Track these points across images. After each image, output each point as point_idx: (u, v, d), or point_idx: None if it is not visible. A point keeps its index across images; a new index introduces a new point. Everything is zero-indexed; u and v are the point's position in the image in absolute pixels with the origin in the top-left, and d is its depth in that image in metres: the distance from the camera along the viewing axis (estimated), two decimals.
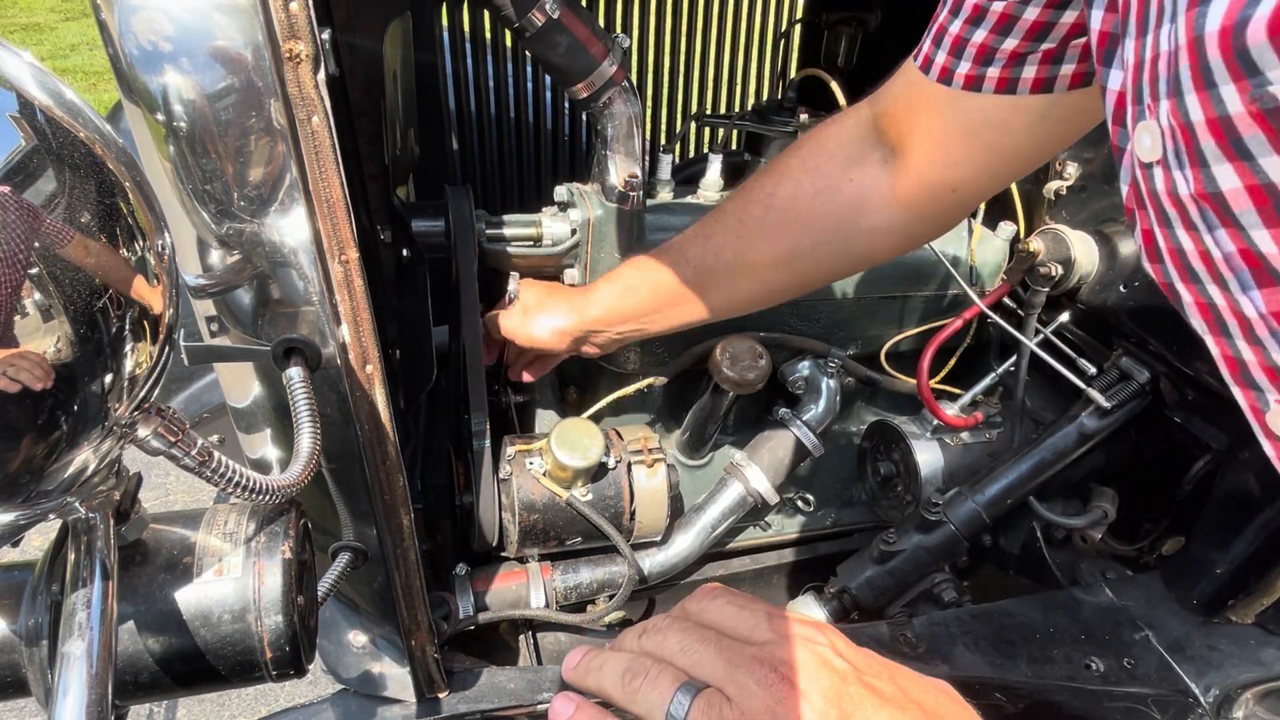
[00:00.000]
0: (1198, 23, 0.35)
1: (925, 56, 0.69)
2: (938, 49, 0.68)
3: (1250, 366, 0.41)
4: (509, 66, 1.39)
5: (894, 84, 0.76)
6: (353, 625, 0.89)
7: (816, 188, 0.80)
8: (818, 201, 0.80)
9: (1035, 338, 1.19)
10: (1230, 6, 0.34)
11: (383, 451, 0.65)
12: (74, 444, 0.39)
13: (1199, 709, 0.91)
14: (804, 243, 0.82)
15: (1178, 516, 1.13)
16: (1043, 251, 1.18)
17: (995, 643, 0.96)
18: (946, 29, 0.66)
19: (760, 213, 0.83)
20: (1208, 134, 0.36)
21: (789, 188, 0.81)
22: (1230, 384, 0.43)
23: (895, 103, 0.75)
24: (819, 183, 0.80)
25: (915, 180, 0.75)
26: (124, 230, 0.39)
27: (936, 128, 0.71)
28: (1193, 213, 0.39)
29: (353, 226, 0.55)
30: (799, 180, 0.81)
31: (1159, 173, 0.41)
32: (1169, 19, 0.37)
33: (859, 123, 0.80)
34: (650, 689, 0.46)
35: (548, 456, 0.98)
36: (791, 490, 1.26)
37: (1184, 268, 0.43)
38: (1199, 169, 0.37)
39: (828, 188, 0.79)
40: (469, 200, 1.04)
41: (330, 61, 0.71)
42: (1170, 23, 0.37)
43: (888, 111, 0.76)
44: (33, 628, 0.46)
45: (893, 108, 0.76)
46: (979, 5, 0.63)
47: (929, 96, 0.70)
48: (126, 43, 0.49)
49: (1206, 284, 0.41)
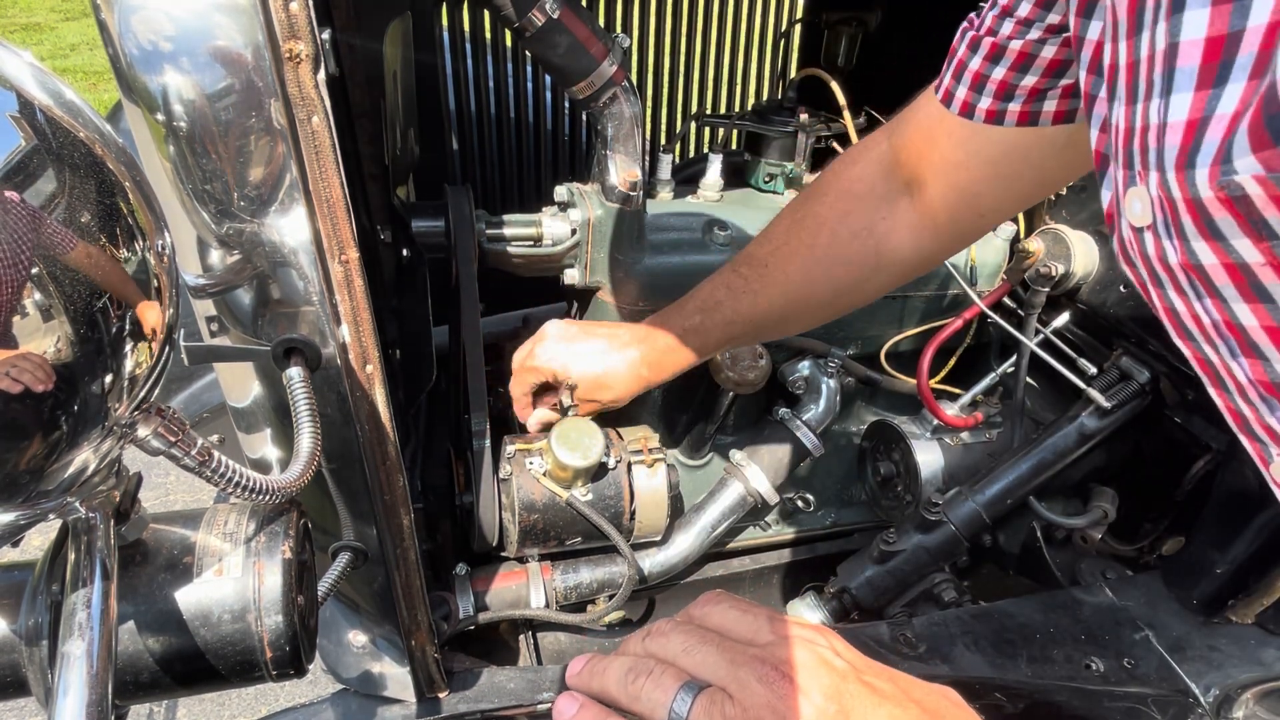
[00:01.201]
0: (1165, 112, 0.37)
1: (946, 90, 0.69)
2: (958, 84, 0.68)
3: (1250, 421, 0.42)
4: (509, 66, 1.39)
5: (914, 114, 0.76)
6: (353, 625, 0.89)
7: (853, 231, 0.82)
8: (855, 244, 0.82)
9: (1035, 338, 1.19)
10: (1194, 102, 0.35)
11: (383, 451, 0.65)
12: (74, 444, 0.39)
13: (1199, 709, 0.91)
14: (847, 281, 0.85)
15: (1178, 516, 1.13)
16: (1042, 251, 1.18)
17: (995, 643, 0.96)
18: (966, 65, 0.66)
19: (803, 266, 0.86)
20: (1186, 212, 0.37)
21: (826, 237, 0.84)
22: (1235, 432, 0.44)
23: (915, 133, 0.76)
24: (854, 226, 0.82)
25: (941, 209, 0.77)
26: (124, 230, 0.39)
27: (960, 159, 0.72)
28: (1182, 280, 0.40)
29: (353, 226, 0.55)
30: (835, 229, 0.83)
31: (1149, 238, 0.41)
32: (1159, 94, 0.38)
33: (880, 158, 0.81)
34: (653, 688, 0.46)
35: (548, 456, 0.98)
36: (791, 490, 1.26)
37: (1180, 327, 0.44)
38: (1183, 241, 0.38)
39: (863, 229, 0.82)
40: (469, 200, 1.04)
41: (330, 61, 0.71)
42: (1160, 98, 0.38)
43: (907, 144, 0.77)
44: (33, 627, 0.46)
45: (913, 139, 0.76)
46: (997, 44, 0.63)
47: (950, 128, 0.70)
48: (126, 42, 0.49)
49: (1202, 344, 0.42)
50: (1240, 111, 0.33)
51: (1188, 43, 0.35)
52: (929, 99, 0.73)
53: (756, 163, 1.33)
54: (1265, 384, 0.39)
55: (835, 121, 1.30)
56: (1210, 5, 0.34)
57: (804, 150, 1.29)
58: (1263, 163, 0.32)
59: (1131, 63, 0.41)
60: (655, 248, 1.11)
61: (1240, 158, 0.33)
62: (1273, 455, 0.42)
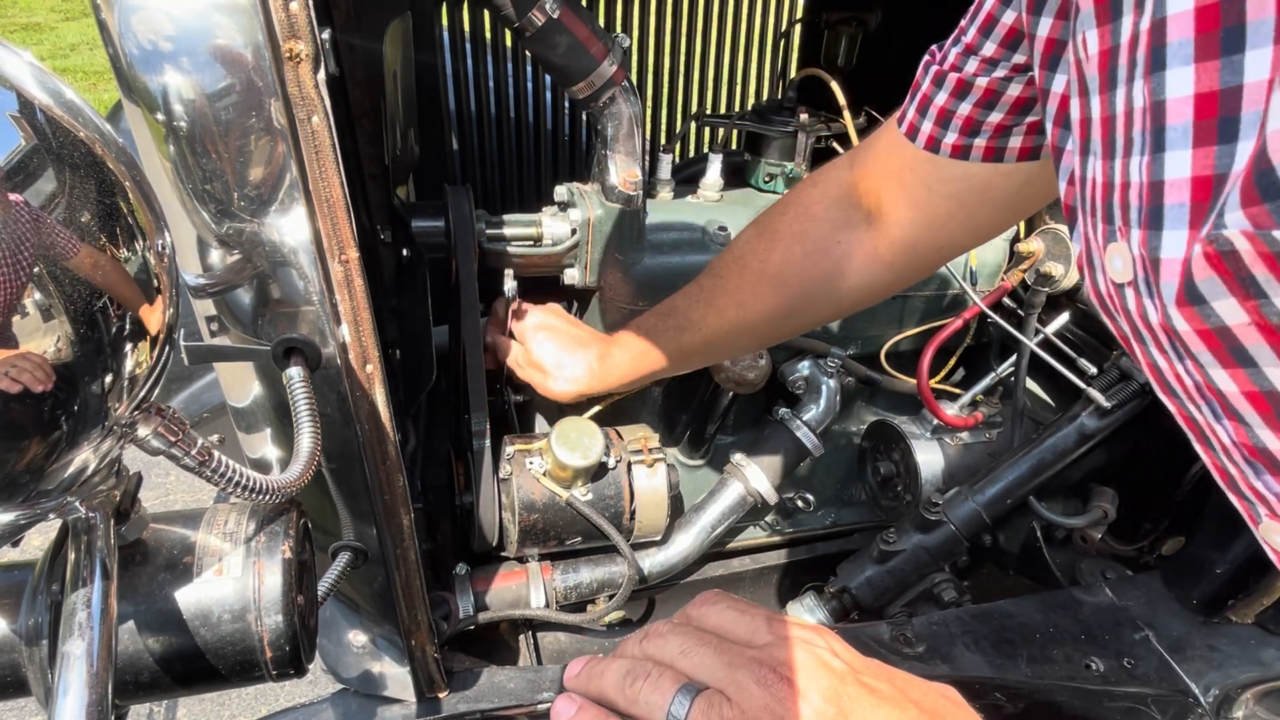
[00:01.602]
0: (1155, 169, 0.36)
1: (910, 124, 0.69)
2: (923, 118, 0.67)
3: (1237, 480, 0.42)
4: (509, 66, 1.39)
5: (874, 145, 0.76)
6: (353, 625, 0.89)
7: (806, 250, 0.83)
8: (808, 263, 0.83)
9: (1035, 337, 1.19)
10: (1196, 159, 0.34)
11: (383, 451, 0.65)
12: (74, 444, 0.39)
13: (1199, 709, 0.92)
14: (798, 301, 0.86)
15: (1178, 516, 1.13)
16: (1042, 251, 1.18)
17: (995, 643, 0.96)
18: (931, 99, 0.66)
19: (754, 279, 0.87)
20: (1168, 272, 0.36)
21: (780, 253, 0.84)
22: (1224, 490, 0.44)
23: (875, 165, 0.76)
24: (808, 246, 0.83)
25: (899, 241, 0.77)
26: (124, 230, 0.39)
27: (921, 193, 0.71)
28: (1163, 340, 0.40)
29: (353, 226, 0.55)
30: (789, 247, 0.84)
31: (1130, 294, 0.41)
32: (1139, 150, 0.37)
33: (840, 185, 0.81)
34: (651, 690, 0.46)
35: (548, 456, 0.99)
36: (791, 490, 1.26)
37: (1163, 384, 0.43)
38: (1163, 303, 0.38)
39: (816, 250, 0.82)
40: (469, 200, 1.04)
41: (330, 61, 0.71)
42: (1140, 155, 0.37)
43: (867, 174, 0.77)
44: (33, 627, 0.46)
45: (872, 170, 0.76)
46: (962, 80, 0.63)
47: (912, 162, 0.70)
48: (126, 42, 0.49)
49: (1186, 403, 0.42)
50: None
51: (1176, 100, 0.34)
52: (890, 130, 0.73)
53: (756, 163, 1.33)
54: (1249, 448, 0.38)
55: (835, 121, 1.30)
56: (1194, 62, 0.33)
57: (804, 150, 1.29)
58: (1251, 219, 0.31)
59: (1106, 117, 0.40)
60: (655, 247, 1.11)
61: (1230, 212, 0.32)
62: (1261, 516, 0.41)
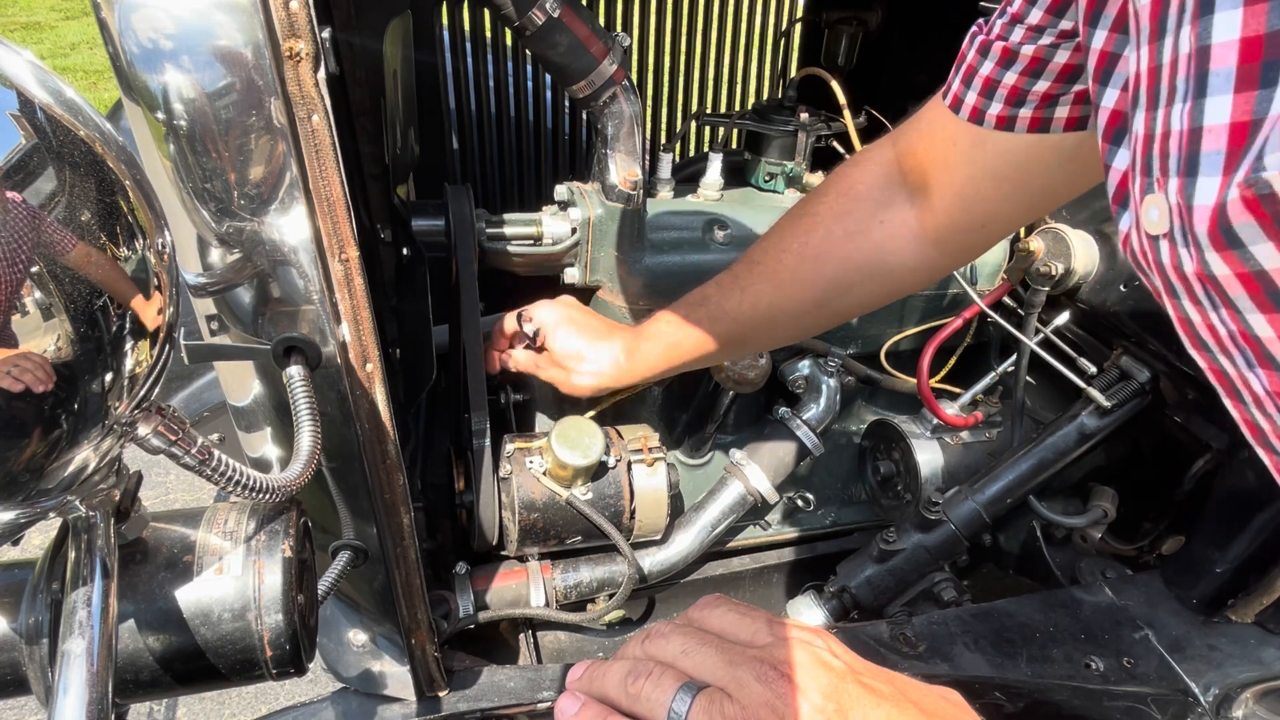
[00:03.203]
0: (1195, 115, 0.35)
1: (955, 96, 0.68)
2: (967, 89, 0.67)
3: (1268, 433, 0.41)
4: (509, 66, 1.39)
5: (919, 121, 0.75)
6: (353, 624, 0.90)
7: (848, 232, 0.81)
8: (850, 246, 0.81)
9: (1035, 337, 1.19)
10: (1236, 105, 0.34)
11: (383, 450, 0.65)
12: (74, 442, 0.39)
13: (1199, 708, 0.92)
14: (838, 286, 0.84)
15: (1178, 516, 1.13)
16: (1042, 251, 1.18)
17: (995, 642, 0.96)
18: (976, 70, 0.65)
19: (794, 262, 0.84)
20: (1205, 219, 0.36)
21: (820, 235, 0.82)
22: (1252, 444, 0.43)
23: (920, 141, 0.74)
24: (850, 227, 0.80)
25: (944, 219, 0.75)
26: (124, 229, 0.39)
27: (964, 167, 0.71)
28: (1197, 289, 0.39)
29: (353, 225, 0.55)
30: (830, 227, 0.81)
31: (1165, 246, 0.40)
32: (1180, 99, 0.37)
33: (883, 163, 0.79)
34: (653, 688, 0.46)
35: (548, 455, 0.99)
36: (791, 490, 1.26)
37: (1194, 337, 0.43)
38: (1198, 250, 0.37)
39: (859, 232, 0.80)
40: (469, 199, 1.04)
41: (330, 60, 0.71)
42: (1182, 103, 0.37)
43: (911, 151, 0.76)
44: (33, 626, 0.46)
45: (916, 146, 0.75)
46: (1009, 49, 0.62)
47: (955, 136, 0.69)
48: (127, 41, 0.49)
49: (1217, 354, 0.42)
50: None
51: (1221, 45, 0.34)
52: (935, 106, 0.72)
53: (757, 162, 1.33)
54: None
55: (835, 121, 1.30)
56: (1243, 5, 0.33)
57: (804, 149, 1.29)
58: None
59: (1153, 68, 0.40)
60: (655, 247, 1.11)
61: (1271, 153, 0.32)
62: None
